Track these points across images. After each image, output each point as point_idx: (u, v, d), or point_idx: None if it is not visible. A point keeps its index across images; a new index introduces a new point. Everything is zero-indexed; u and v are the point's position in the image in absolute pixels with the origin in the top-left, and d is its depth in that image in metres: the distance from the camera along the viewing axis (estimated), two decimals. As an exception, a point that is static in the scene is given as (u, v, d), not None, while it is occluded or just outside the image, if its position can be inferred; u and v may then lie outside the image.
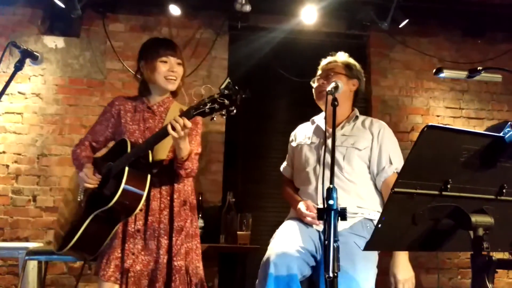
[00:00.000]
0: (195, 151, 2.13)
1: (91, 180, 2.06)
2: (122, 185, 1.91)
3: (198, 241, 2.18)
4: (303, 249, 2.00)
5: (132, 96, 2.30)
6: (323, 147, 2.18)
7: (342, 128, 2.24)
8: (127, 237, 2.02)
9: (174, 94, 2.27)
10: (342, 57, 2.35)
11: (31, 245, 2.94)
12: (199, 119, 2.23)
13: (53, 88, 3.80)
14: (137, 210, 1.98)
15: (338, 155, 2.14)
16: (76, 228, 2.03)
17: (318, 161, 2.20)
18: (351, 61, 2.35)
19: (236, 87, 1.76)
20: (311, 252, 2.04)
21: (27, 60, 2.04)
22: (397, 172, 2.14)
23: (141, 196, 1.96)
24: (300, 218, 2.12)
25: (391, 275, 2.00)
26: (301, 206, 2.12)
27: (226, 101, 1.76)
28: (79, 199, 2.18)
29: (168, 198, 2.11)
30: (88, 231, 2.01)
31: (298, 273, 1.95)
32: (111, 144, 2.27)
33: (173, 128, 1.87)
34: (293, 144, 2.40)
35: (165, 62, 2.15)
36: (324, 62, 2.36)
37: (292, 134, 2.47)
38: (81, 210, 2.13)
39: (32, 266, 2.89)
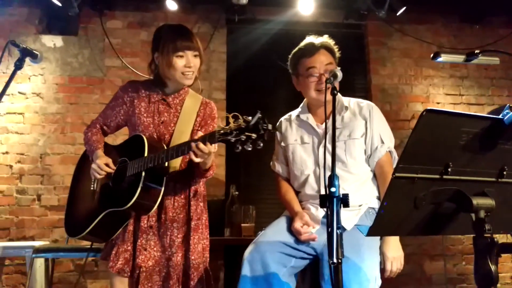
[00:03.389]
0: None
1: (103, 171, 2.03)
2: (139, 190, 1.89)
3: (208, 233, 2.16)
4: (279, 242, 2.00)
5: (146, 81, 2.20)
6: (318, 147, 2.13)
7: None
8: (140, 232, 2.00)
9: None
10: (326, 42, 2.17)
11: (38, 243, 2.97)
12: (215, 112, 2.20)
13: (53, 87, 3.81)
14: (152, 211, 1.97)
15: (339, 151, 2.08)
16: (89, 219, 2.03)
17: (317, 163, 2.13)
18: (332, 43, 2.19)
19: (266, 123, 1.64)
20: (293, 246, 2.01)
21: (27, 59, 2.03)
22: (389, 151, 2.13)
23: (156, 199, 1.94)
24: (296, 235, 2.03)
25: (380, 253, 1.98)
26: (297, 224, 2.02)
27: (254, 135, 1.66)
28: (92, 188, 2.15)
29: (182, 196, 2.08)
30: (101, 224, 2.02)
31: (277, 267, 1.95)
32: (122, 129, 2.24)
33: (195, 154, 1.80)
34: (282, 144, 2.28)
35: (182, 57, 2.02)
36: (312, 52, 2.14)
37: (277, 132, 2.33)
38: (94, 201, 2.11)
39: (39, 264, 2.92)
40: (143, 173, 1.92)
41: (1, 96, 1.89)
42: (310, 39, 2.20)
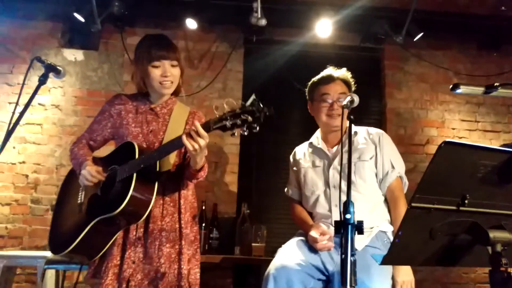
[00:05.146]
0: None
1: (94, 178, 1.97)
2: (130, 193, 1.84)
3: (198, 246, 2.13)
4: (304, 262, 2.03)
5: (133, 94, 2.21)
6: (329, 169, 2.24)
7: (344, 146, 2.19)
8: (128, 245, 1.96)
9: (175, 93, 2.17)
10: (343, 75, 2.40)
11: (49, 254, 2.98)
12: (203, 121, 2.12)
13: (72, 100, 3.88)
14: (143, 219, 1.92)
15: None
16: (77, 232, 1.97)
17: (327, 183, 2.23)
18: (348, 76, 2.41)
19: (261, 104, 1.67)
20: (316, 266, 2.05)
21: (50, 74, 2.08)
22: (399, 177, 2.23)
23: (148, 204, 1.90)
24: (311, 244, 2.09)
25: (391, 278, 2.03)
26: (313, 233, 2.08)
27: (250, 118, 1.67)
28: (79, 201, 2.10)
29: (172, 204, 2.04)
30: (89, 236, 1.94)
31: (300, 286, 1.99)
32: (109, 144, 2.21)
33: (189, 136, 1.77)
34: (295, 168, 2.44)
35: (158, 66, 2.02)
36: (326, 81, 2.38)
37: (291, 159, 2.50)
38: (81, 213, 2.05)
39: (50, 274, 2.93)
40: (135, 175, 1.88)
41: (24, 110, 1.94)
42: (330, 70, 2.42)
